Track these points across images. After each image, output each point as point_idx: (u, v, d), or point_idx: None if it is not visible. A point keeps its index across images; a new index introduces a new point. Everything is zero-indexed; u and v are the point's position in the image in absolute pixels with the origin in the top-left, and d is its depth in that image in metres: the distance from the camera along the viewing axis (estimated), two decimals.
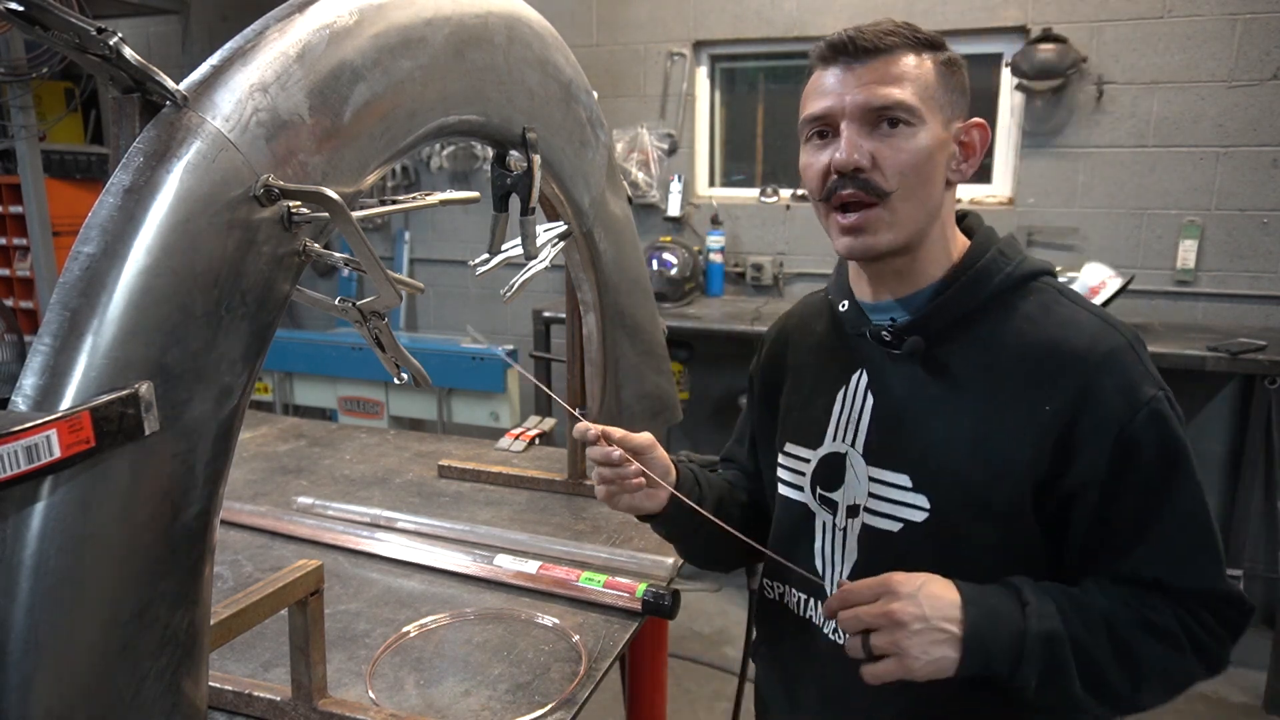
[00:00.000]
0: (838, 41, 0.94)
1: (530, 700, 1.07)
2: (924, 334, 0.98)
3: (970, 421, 0.96)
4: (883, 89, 0.92)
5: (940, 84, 0.95)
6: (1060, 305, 0.98)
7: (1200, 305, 3.33)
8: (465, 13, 0.99)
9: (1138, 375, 0.92)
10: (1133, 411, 0.91)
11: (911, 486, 0.99)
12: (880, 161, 0.93)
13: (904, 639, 0.86)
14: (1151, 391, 0.92)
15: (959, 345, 0.98)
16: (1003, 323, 0.97)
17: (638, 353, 1.62)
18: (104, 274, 0.64)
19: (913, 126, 0.92)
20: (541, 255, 1.31)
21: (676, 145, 3.94)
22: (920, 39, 0.95)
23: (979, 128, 0.99)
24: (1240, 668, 3.03)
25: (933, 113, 0.94)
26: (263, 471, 1.89)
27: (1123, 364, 0.92)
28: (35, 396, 0.62)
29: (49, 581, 0.61)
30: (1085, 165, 3.39)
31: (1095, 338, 0.94)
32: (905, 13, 3.50)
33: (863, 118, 0.93)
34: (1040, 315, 0.97)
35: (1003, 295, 0.98)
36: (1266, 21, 3.08)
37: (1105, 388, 0.91)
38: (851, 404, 1.06)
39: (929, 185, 0.95)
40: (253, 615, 0.95)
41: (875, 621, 0.87)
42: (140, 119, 0.69)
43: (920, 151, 0.93)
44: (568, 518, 1.63)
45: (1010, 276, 0.98)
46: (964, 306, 0.98)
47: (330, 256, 0.79)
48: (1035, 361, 0.94)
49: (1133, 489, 0.92)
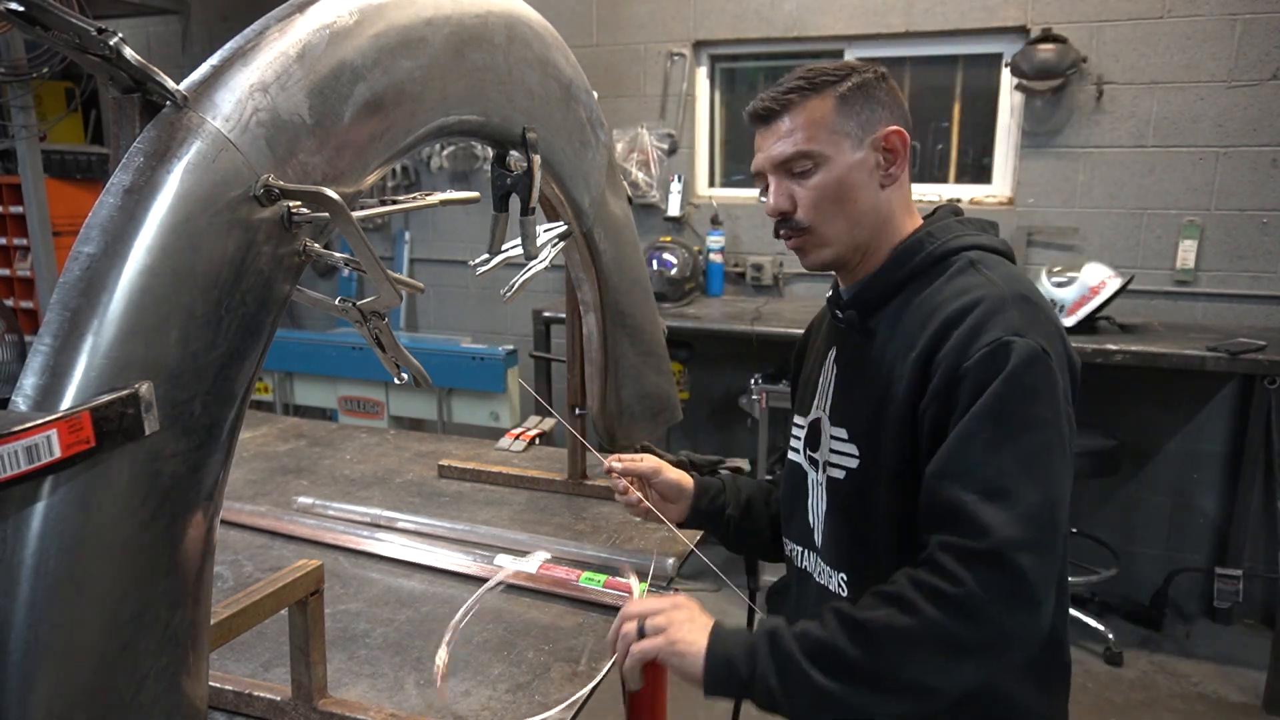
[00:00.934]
0: (750, 111, 1.14)
1: (530, 700, 1.07)
2: (858, 307, 1.14)
3: (881, 376, 1.08)
4: (780, 145, 1.10)
5: (840, 115, 1.09)
6: (965, 274, 1.07)
7: (1200, 305, 3.33)
8: (465, 13, 0.99)
9: (990, 323, 0.98)
10: (971, 352, 0.97)
11: (847, 438, 1.12)
12: (799, 201, 1.10)
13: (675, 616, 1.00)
14: (997, 335, 0.97)
15: (883, 315, 1.12)
16: (916, 293, 1.09)
17: (638, 353, 1.62)
18: (104, 274, 0.64)
19: (816, 167, 1.09)
20: (541, 255, 1.31)
21: (676, 145, 3.94)
22: (818, 81, 1.09)
23: (896, 134, 1.11)
24: (1240, 667, 3.03)
25: (836, 144, 1.09)
26: (263, 471, 1.89)
27: (982, 312, 0.99)
28: (35, 396, 0.62)
29: (49, 581, 0.61)
30: (1085, 165, 3.39)
31: (969, 293, 1.03)
32: (905, 13, 3.50)
33: (777, 170, 1.11)
34: (944, 283, 1.08)
35: (925, 269, 1.10)
36: (1266, 21, 3.08)
37: (958, 331, 0.99)
38: (827, 375, 1.21)
39: (847, 206, 1.10)
40: (253, 615, 0.95)
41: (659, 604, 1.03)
42: (140, 119, 0.69)
43: (827, 186, 1.09)
44: (568, 518, 1.63)
45: (931, 255, 1.10)
46: (887, 281, 1.12)
47: (330, 256, 0.79)
48: (920, 318, 1.05)
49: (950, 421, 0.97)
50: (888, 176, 1.12)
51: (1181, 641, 3.22)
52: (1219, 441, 3.36)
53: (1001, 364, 0.95)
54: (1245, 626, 3.33)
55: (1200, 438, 3.38)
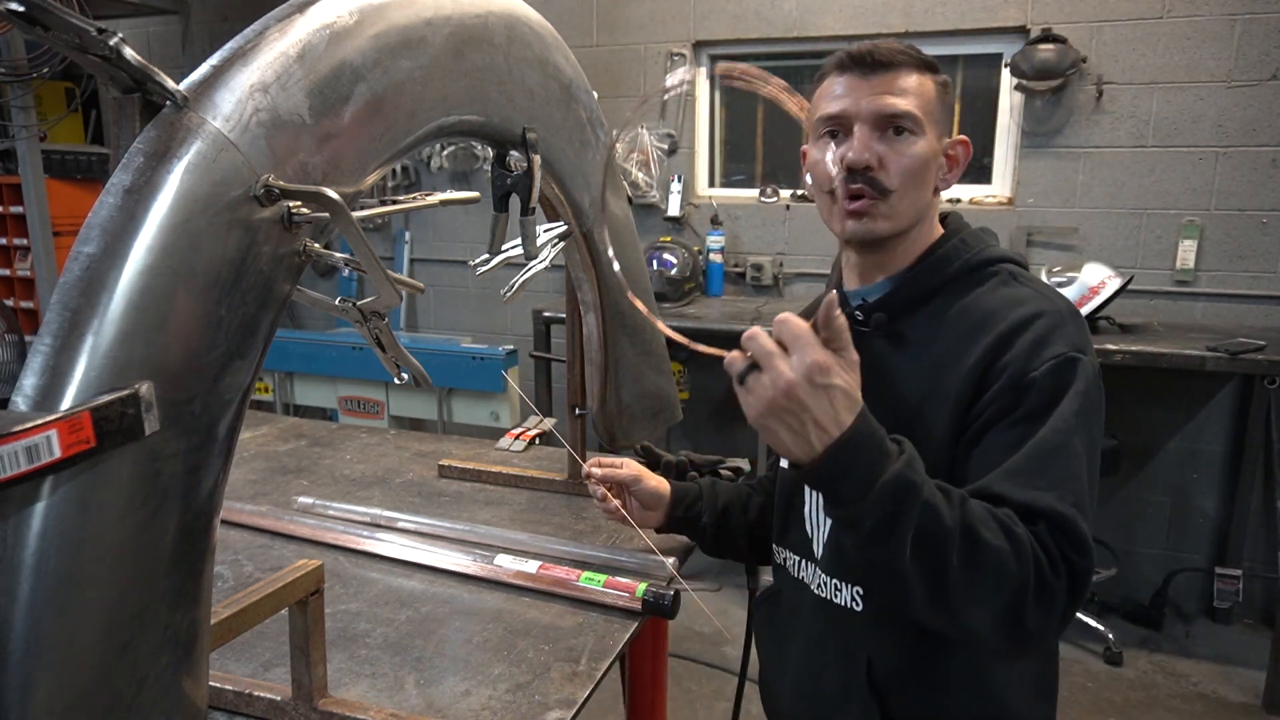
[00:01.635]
0: (857, 54, 1.06)
1: (530, 700, 1.07)
2: (886, 310, 1.10)
3: (917, 384, 1.05)
4: (893, 99, 1.04)
5: (937, 102, 1.08)
6: (1009, 285, 1.07)
7: (1200, 305, 3.33)
8: (465, 13, 0.99)
9: (1055, 336, 0.98)
10: (1037, 361, 0.97)
11: None
12: (886, 163, 1.05)
13: (777, 410, 0.81)
14: (1064, 350, 0.97)
15: (916, 319, 1.09)
16: (956, 300, 1.07)
17: (638, 353, 1.62)
18: (104, 274, 0.64)
19: (915, 135, 1.05)
20: (541, 255, 1.31)
21: (676, 145, 3.94)
22: (923, 61, 1.07)
23: (963, 144, 1.12)
24: (1240, 667, 3.03)
25: (930, 126, 1.07)
26: (263, 471, 1.89)
27: (1043, 325, 0.99)
28: (35, 396, 0.62)
29: (49, 581, 0.61)
30: (1085, 165, 3.39)
31: (1025, 305, 1.02)
32: (905, 13, 3.50)
33: (874, 122, 1.05)
34: (988, 293, 1.07)
35: (961, 278, 1.09)
36: (1266, 21, 3.08)
37: (1020, 341, 0.99)
38: None
39: (923, 188, 1.08)
40: (253, 615, 0.95)
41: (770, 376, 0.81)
42: (140, 119, 0.69)
43: (919, 157, 1.05)
44: (568, 518, 1.63)
45: (968, 263, 1.09)
46: (922, 286, 1.09)
47: (330, 256, 0.79)
48: (971, 326, 1.03)
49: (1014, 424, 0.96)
50: (944, 182, 1.12)
51: (1181, 641, 3.22)
52: (1219, 441, 3.36)
53: (1071, 377, 0.96)
54: (1245, 626, 3.33)
55: (1200, 438, 3.38)
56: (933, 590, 0.86)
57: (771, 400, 0.81)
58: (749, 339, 0.83)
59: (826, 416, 0.82)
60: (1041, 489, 0.91)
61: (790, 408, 0.81)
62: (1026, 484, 0.92)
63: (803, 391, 0.80)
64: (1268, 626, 3.17)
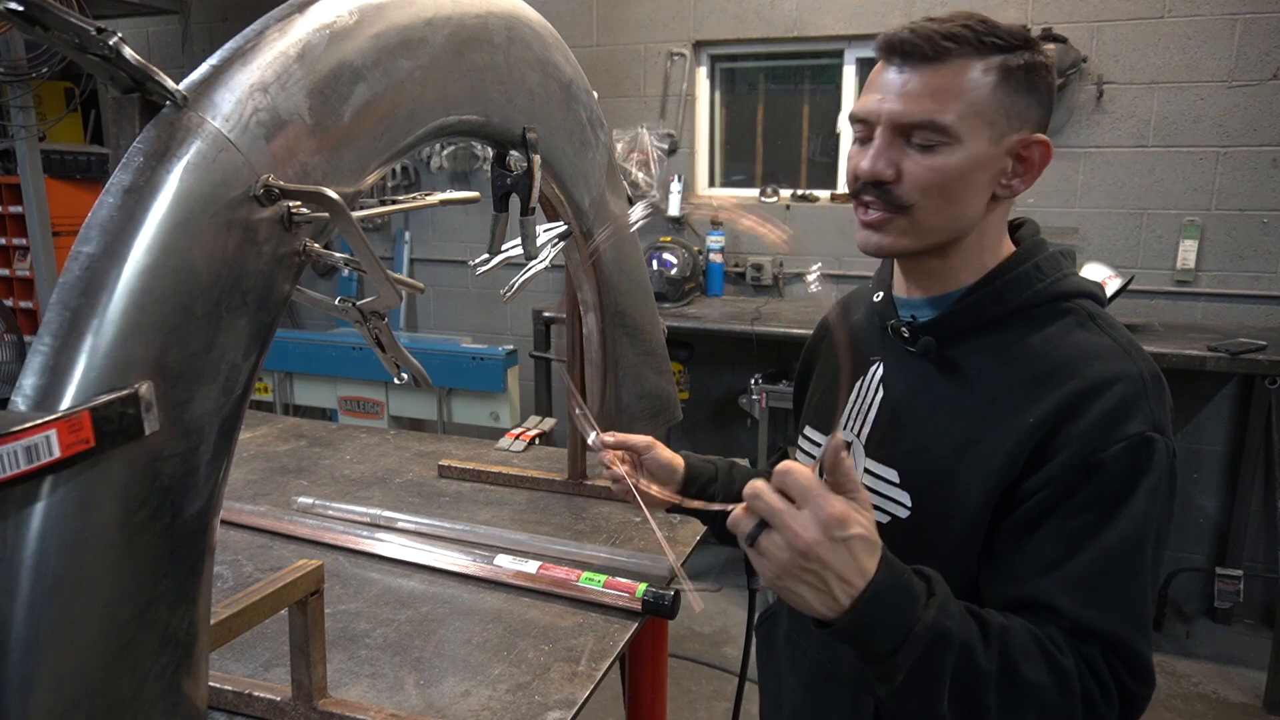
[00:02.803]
0: (894, 38, 0.91)
1: (530, 700, 1.07)
2: (938, 334, 0.98)
3: (964, 425, 0.94)
4: (918, 104, 0.89)
5: (998, 96, 0.89)
6: (1085, 328, 0.94)
7: (1200, 305, 3.33)
8: (465, 13, 0.99)
9: (1134, 409, 0.86)
10: (1111, 440, 0.85)
11: (898, 483, 0.98)
12: (904, 175, 0.91)
13: (791, 564, 0.75)
14: (1141, 429, 0.85)
15: (972, 350, 0.97)
16: (1021, 336, 0.94)
17: (638, 353, 1.62)
18: (104, 274, 0.64)
19: (946, 147, 0.89)
20: (541, 255, 1.31)
21: (676, 145, 3.94)
22: (987, 42, 0.88)
23: (1040, 144, 0.93)
24: (1240, 667, 3.03)
25: (977, 130, 0.89)
26: (263, 471, 1.89)
27: (1121, 393, 0.87)
28: (35, 396, 0.62)
29: (49, 581, 0.61)
30: (1085, 165, 3.39)
31: (1103, 361, 0.89)
32: (905, 13, 3.50)
33: (895, 129, 0.91)
34: (1059, 335, 0.93)
35: (1030, 310, 0.96)
36: (1266, 21, 3.08)
37: (1092, 409, 0.86)
38: (865, 395, 1.05)
39: (957, 203, 0.92)
40: (253, 615, 0.95)
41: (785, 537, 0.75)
42: (140, 119, 0.69)
43: (948, 172, 0.90)
44: (568, 518, 1.63)
45: (1040, 294, 0.96)
46: (984, 314, 0.96)
47: (330, 256, 0.79)
48: (1036, 376, 0.91)
49: (1076, 513, 0.85)
50: (1007, 189, 0.94)
51: (1181, 641, 3.22)
52: (1219, 441, 3.36)
53: (1144, 466, 0.84)
54: (1245, 626, 3.34)
55: (1200, 438, 3.38)
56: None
57: (789, 561, 0.75)
58: (753, 497, 0.76)
59: (849, 568, 0.75)
60: (1103, 609, 0.83)
61: (810, 567, 0.75)
62: (1087, 600, 0.83)
63: (822, 549, 0.74)
64: (1268, 626, 3.17)
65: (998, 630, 0.81)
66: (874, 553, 0.77)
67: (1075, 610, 0.83)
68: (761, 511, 0.76)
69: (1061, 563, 0.85)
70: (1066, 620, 0.84)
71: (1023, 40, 0.90)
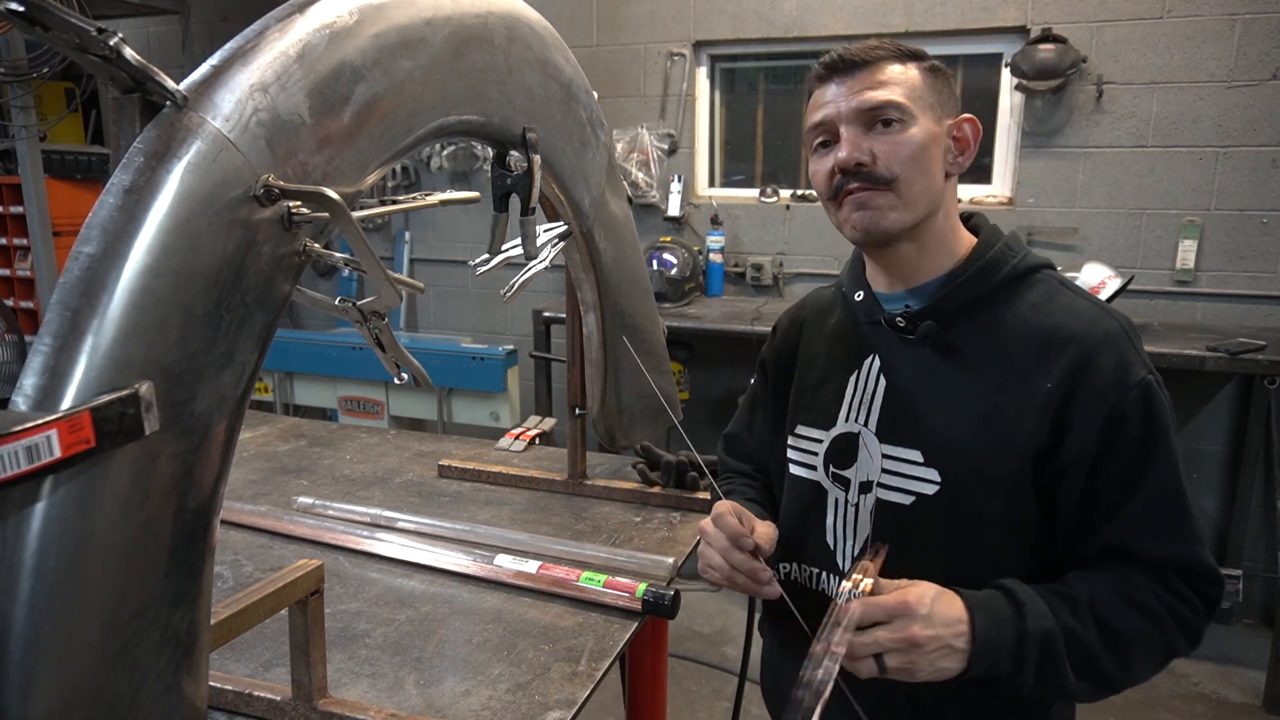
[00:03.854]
0: (830, 61, 1.06)
1: (530, 700, 1.07)
2: (936, 318, 1.06)
3: (978, 399, 1.02)
4: (872, 93, 1.02)
5: (926, 86, 1.04)
6: (1062, 294, 1.06)
7: (1200, 305, 3.33)
8: (465, 13, 0.99)
9: (1131, 357, 1.00)
10: (1125, 389, 0.98)
11: (923, 461, 1.05)
12: (879, 156, 1.02)
13: (918, 658, 0.89)
14: (1142, 374, 0.99)
15: (968, 329, 1.06)
16: (1009, 309, 1.05)
17: (638, 353, 1.62)
18: (104, 274, 0.64)
19: (905, 122, 1.02)
20: (541, 255, 1.31)
21: (676, 145, 3.94)
22: (903, 51, 1.05)
23: (969, 122, 1.07)
24: (1240, 667, 3.03)
25: (923, 111, 1.03)
26: (263, 471, 1.89)
27: (1118, 346, 1.00)
28: (35, 396, 0.62)
29: (49, 581, 0.61)
30: (1085, 165, 3.39)
31: (1093, 322, 1.01)
32: (905, 13, 3.50)
33: (859, 120, 1.03)
34: (1044, 302, 1.04)
35: (1009, 284, 1.06)
36: (1266, 21, 3.08)
37: (1102, 367, 0.98)
38: (864, 387, 1.12)
39: (929, 173, 1.03)
40: (253, 615, 0.95)
41: (894, 645, 0.89)
42: (140, 119, 0.69)
43: (915, 143, 1.02)
44: (568, 518, 1.63)
45: (1016, 268, 1.06)
46: (974, 293, 1.06)
47: (330, 256, 0.79)
48: (1039, 343, 1.01)
49: (1117, 462, 0.98)
50: (955, 164, 1.07)
51: None
52: (1219, 441, 3.36)
53: (1157, 407, 0.98)
54: (1245, 626, 3.33)
55: (1200, 438, 3.38)
56: (1101, 691, 0.99)
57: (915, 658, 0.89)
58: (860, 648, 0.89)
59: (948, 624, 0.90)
60: (1168, 539, 0.98)
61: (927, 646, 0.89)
62: (1158, 538, 0.98)
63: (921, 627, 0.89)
64: (1268, 626, 3.17)
65: (1085, 601, 0.96)
66: (952, 601, 0.92)
67: (1146, 549, 0.98)
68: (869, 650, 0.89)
69: (1119, 509, 0.98)
70: (1141, 559, 0.98)
71: (923, 53, 1.07)
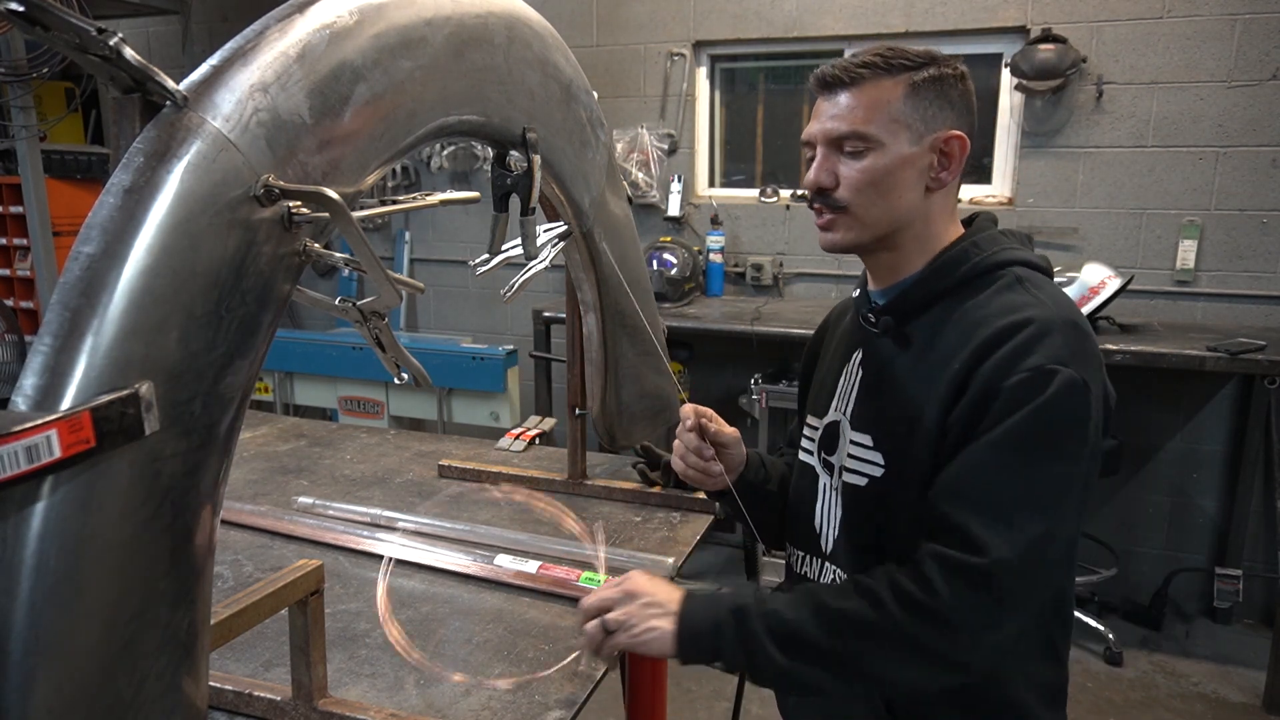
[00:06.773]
0: (820, 75, 1.09)
1: (530, 700, 1.07)
2: (894, 314, 1.11)
3: (918, 387, 1.06)
4: (835, 124, 1.06)
5: (910, 104, 1.05)
6: (1013, 290, 1.05)
7: (1200, 305, 3.33)
8: (465, 13, 0.99)
9: (1038, 346, 0.96)
10: (1010, 372, 0.96)
11: (872, 445, 1.10)
12: (842, 179, 1.07)
13: (634, 609, 1.02)
14: (1041, 362, 0.95)
15: (921, 323, 1.09)
16: (958, 304, 1.07)
17: (638, 353, 1.62)
18: (104, 274, 0.64)
19: (867, 150, 1.05)
20: (541, 255, 1.31)
21: (676, 145, 3.94)
22: (895, 64, 1.05)
23: (957, 139, 1.07)
24: (1240, 667, 3.03)
25: (896, 134, 1.05)
26: (263, 471, 1.89)
27: (1028, 334, 0.97)
28: (35, 396, 0.62)
29: (49, 581, 0.61)
30: (1085, 165, 3.39)
31: (1017, 312, 1.00)
32: (905, 13, 3.50)
33: (829, 144, 1.08)
34: (990, 298, 1.05)
35: (970, 281, 1.08)
36: (1266, 21, 3.08)
37: (1001, 351, 0.98)
38: (849, 378, 1.18)
39: (888, 197, 1.06)
40: (253, 615, 0.95)
41: (613, 595, 1.03)
42: (140, 119, 0.69)
43: (875, 172, 1.05)
44: None
45: (976, 267, 1.08)
46: (929, 290, 1.09)
47: (330, 256, 0.79)
48: (962, 331, 1.03)
49: (976, 436, 0.97)
50: (936, 180, 1.08)
51: (1181, 641, 3.22)
52: (1219, 441, 3.36)
53: (1039, 391, 0.94)
54: (1245, 626, 3.34)
55: (1200, 438, 3.38)
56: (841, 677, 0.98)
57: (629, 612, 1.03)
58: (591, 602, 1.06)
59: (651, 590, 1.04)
60: (959, 505, 0.96)
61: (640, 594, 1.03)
62: (950, 503, 0.97)
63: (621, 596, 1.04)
64: (1268, 626, 3.17)
65: (809, 589, 1.02)
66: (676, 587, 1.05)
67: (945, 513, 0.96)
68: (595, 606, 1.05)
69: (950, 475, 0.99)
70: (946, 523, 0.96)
71: (929, 59, 1.06)
